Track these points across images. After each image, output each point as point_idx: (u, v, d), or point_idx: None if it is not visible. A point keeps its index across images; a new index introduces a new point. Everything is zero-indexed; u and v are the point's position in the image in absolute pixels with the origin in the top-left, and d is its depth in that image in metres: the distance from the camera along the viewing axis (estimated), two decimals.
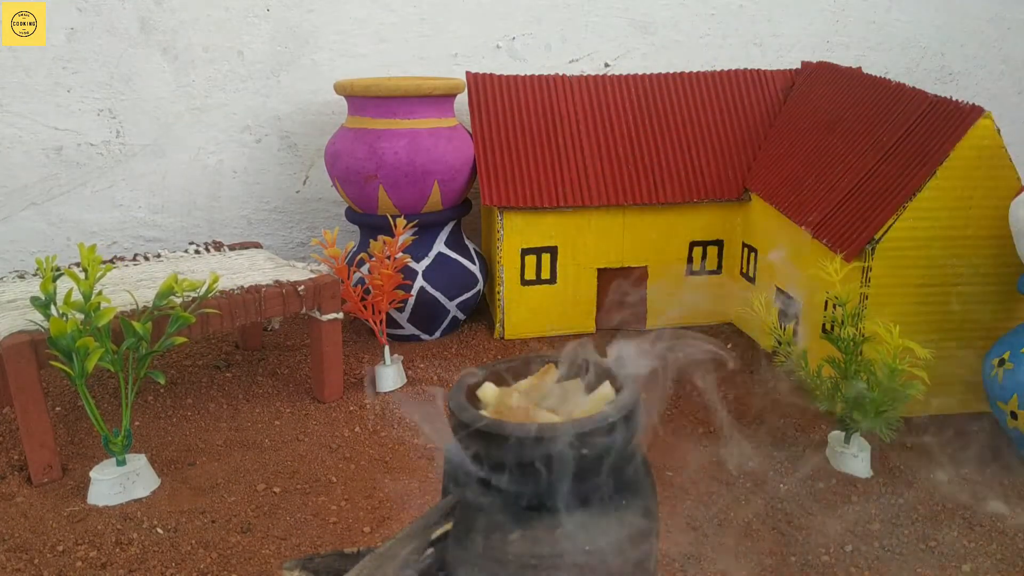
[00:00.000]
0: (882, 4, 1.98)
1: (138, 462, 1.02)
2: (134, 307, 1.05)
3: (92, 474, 1.00)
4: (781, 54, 1.95)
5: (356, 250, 1.56)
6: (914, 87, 1.28)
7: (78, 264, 1.27)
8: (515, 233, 1.51)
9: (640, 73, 1.65)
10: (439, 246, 1.52)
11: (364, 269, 1.46)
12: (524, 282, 1.54)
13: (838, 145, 1.36)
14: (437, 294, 1.50)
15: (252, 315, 1.17)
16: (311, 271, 1.28)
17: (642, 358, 0.45)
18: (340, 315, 1.26)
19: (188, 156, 1.72)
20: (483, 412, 0.40)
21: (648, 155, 1.56)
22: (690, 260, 1.59)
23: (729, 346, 1.53)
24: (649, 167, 1.54)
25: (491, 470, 0.37)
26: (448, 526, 0.37)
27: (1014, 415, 1.05)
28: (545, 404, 0.49)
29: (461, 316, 1.58)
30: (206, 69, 1.67)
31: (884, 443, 1.10)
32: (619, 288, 1.59)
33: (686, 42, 1.90)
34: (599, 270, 1.56)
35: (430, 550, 0.36)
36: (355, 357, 1.46)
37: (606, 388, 0.41)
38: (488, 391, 0.42)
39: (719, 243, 1.59)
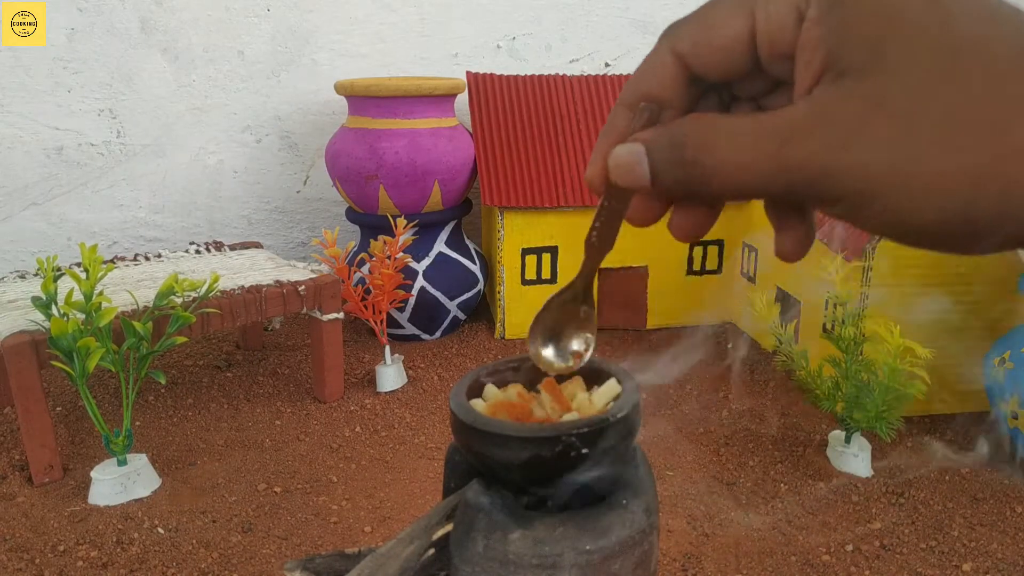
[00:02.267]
0: None
1: (139, 462, 1.02)
2: (135, 307, 1.05)
3: (93, 474, 1.00)
4: None
5: (356, 250, 1.56)
6: None
7: (79, 264, 1.27)
8: (515, 233, 1.51)
9: None
10: (439, 246, 1.53)
11: (365, 269, 1.46)
12: (524, 282, 1.54)
13: None
14: (438, 294, 1.50)
15: (253, 315, 1.17)
16: (312, 271, 1.28)
17: None
18: (341, 315, 1.26)
19: (188, 156, 1.72)
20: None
21: None
22: (690, 260, 1.59)
23: (730, 346, 1.54)
24: None
25: (492, 470, 0.37)
26: (449, 527, 0.37)
27: (1014, 415, 1.05)
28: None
29: (461, 316, 1.58)
30: (206, 69, 1.67)
31: (884, 443, 1.11)
32: (619, 288, 1.59)
33: None
34: (599, 270, 1.56)
35: (431, 551, 0.36)
36: (355, 357, 1.46)
37: (607, 388, 0.41)
38: (489, 391, 0.42)
39: (719, 243, 1.59)
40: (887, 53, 0.21)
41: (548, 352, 0.39)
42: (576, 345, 0.39)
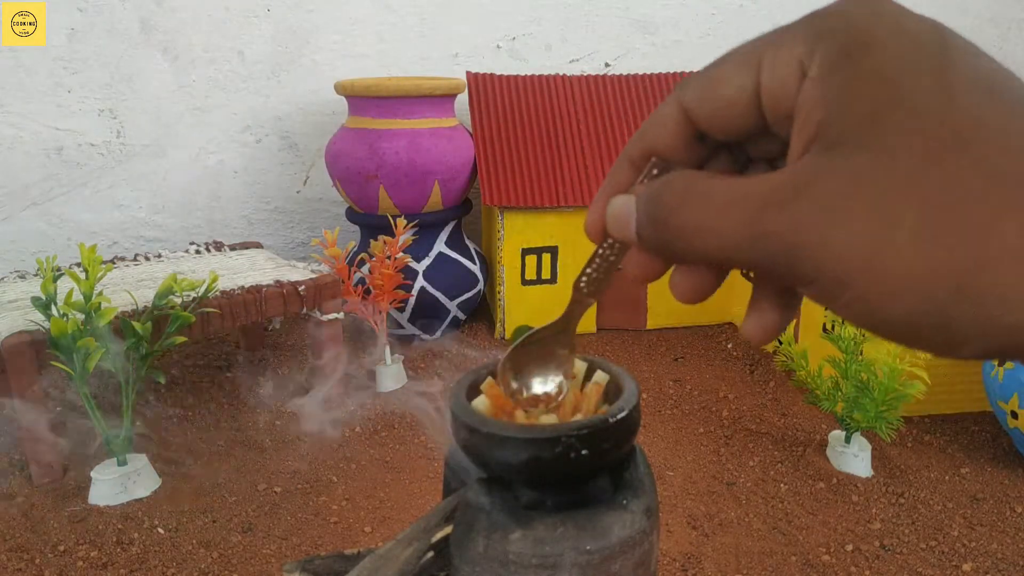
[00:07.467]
0: None
1: (139, 462, 1.02)
2: (134, 307, 1.05)
3: (93, 474, 1.00)
4: None
5: (356, 250, 1.56)
6: None
7: (79, 264, 1.27)
8: (515, 233, 1.51)
9: (640, 73, 1.65)
10: (439, 246, 1.53)
11: (365, 269, 1.46)
12: (524, 282, 1.54)
13: None
14: (438, 294, 1.50)
15: (253, 315, 1.17)
16: (312, 271, 1.28)
17: None
18: (341, 315, 1.26)
19: (188, 156, 1.72)
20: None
21: None
22: None
23: (730, 346, 1.53)
24: None
25: (492, 471, 0.37)
26: (448, 529, 0.37)
27: (1014, 415, 1.05)
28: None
29: (462, 316, 1.58)
30: (206, 69, 1.67)
31: (884, 443, 1.11)
32: (619, 288, 1.59)
33: (686, 42, 1.90)
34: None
35: (431, 553, 0.36)
36: (355, 357, 1.46)
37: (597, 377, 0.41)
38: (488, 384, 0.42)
39: None
40: (883, 129, 0.19)
41: (518, 386, 0.37)
42: (548, 387, 0.37)
